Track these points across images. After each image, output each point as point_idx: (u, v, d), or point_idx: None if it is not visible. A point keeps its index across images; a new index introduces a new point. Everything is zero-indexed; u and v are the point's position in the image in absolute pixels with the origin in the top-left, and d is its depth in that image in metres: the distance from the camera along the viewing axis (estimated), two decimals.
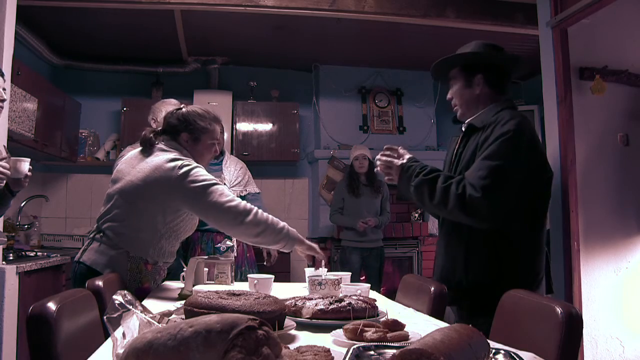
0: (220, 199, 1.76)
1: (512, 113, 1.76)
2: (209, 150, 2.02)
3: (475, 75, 1.85)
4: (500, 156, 1.65)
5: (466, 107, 1.90)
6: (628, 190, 3.02)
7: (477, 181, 1.64)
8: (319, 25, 4.00)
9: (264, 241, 1.82)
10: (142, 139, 1.98)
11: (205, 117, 2.00)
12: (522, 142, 1.67)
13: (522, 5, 3.59)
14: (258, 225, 1.77)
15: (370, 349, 0.95)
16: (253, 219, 1.76)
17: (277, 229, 1.80)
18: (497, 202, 1.62)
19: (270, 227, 1.78)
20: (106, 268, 1.81)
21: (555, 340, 1.17)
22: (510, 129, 1.67)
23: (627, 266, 2.97)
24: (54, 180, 4.72)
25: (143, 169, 1.84)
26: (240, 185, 3.27)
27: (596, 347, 2.85)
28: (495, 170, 1.63)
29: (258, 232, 1.77)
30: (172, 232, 1.91)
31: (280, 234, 1.80)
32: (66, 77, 4.72)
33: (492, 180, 1.62)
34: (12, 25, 2.60)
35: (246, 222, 1.75)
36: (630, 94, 3.11)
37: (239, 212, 1.76)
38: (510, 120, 1.70)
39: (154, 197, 1.81)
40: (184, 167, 1.80)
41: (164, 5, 3.47)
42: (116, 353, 0.90)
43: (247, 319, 0.75)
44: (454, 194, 1.65)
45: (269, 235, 1.79)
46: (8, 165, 1.94)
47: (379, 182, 4.30)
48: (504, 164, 1.63)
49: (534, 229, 1.75)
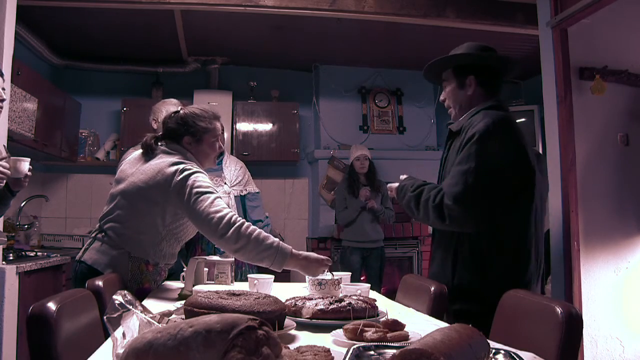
0: (207, 208, 1.72)
1: (485, 114, 1.75)
2: (213, 149, 2.02)
3: (467, 76, 1.86)
4: (468, 160, 1.66)
5: (459, 108, 1.91)
6: (628, 190, 3.02)
7: (448, 189, 1.68)
8: (319, 25, 4.00)
9: (246, 257, 1.74)
10: (143, 144, 1.97)
11: (204, 117, 1.99)
12: (490, 143, 1.66)
13: (522, 5, 3.59)
14: (239, 239, 1.68)
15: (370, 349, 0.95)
16: (235, 233, 1.68)
17: (262, 246, 1.69)
18: (470, 207, 1.64)
19: (252, 243, 1.69)
20: (107, 268, 1.82)
21: (555, 340, 1.17)
22: (477, 130, 1.68)
23: (627, 266, 2.97)
24: (54, 180, 4.72)
25: (146, 171, 1.85)
26: (240, 184, 3.27)
27: (596, 347, 2.86)
28: (464, 176, 1.65)
29: (238, 247, 1.70)
30: (172, 235, 1.91)
31: (265, 251, 1.69)
32: (66, 77, 4.72)
33: (463, 187, 1.64)
34: (12, 25, 2.60)
35: (226, 236, 1.69)
36: (630, 94, 3.11)
37: (222, 224, 1.69)
38: (480, 122, 1.70)
39: (154, 199, 1.82)
40: (184, 172, 1.80)
41: (164, 5, 3.47)
42: (116, 353, 0.90)
43: (247, 319, 0.75)
44: (431, 206, 1.71)
45: (250, 251, 1.70)
46: (8, 165, 1.93)
47: (379, 182, 4.30)
48: (472, 167, 1.65)
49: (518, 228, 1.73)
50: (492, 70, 1.89)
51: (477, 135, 1.67)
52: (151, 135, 2.01)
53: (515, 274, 1.71)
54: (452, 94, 1.92)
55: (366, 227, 4.18)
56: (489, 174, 1.65)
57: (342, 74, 5.10)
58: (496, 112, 1.76)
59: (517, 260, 1.72)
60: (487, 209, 1.66)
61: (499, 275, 1.69)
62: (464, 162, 1.68)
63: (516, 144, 1.72)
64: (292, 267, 1.74)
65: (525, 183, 1.73)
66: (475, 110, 1.82)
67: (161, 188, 1.80)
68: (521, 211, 1.73)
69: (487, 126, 1.68)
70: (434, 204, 1.70)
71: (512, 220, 1.72)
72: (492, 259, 1.70)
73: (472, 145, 1.68)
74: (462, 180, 1.65)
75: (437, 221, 1.72)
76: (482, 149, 1.66)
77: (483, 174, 1.64)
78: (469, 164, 1.66)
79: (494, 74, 1.89)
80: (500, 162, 1.67)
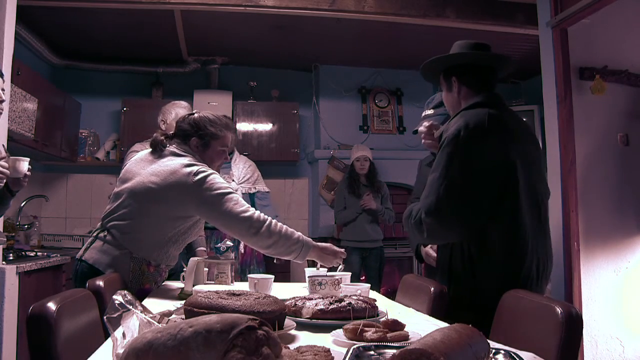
0: (235, 209, 1.78)
1: (461, 115, 1.69)
2: (219, 157, 2.02)
3: (451, 77, 1.83)
4: (439, 168, 1.62)
5: (452, 110, 1.88)
6: (628, 190, 3.02)
7: (423, 202, 1.65)
8: (319, 25, 4.00)
9: (276, 252, 1.84)
10: (152, 141, 1.98)
11: (216, 123, 1.99)
12: (459, 147, 1.60)
13: (522, 5, 3.59)
14: (271, 236, 1.79)
15: (370, 349, 0.95)
16: (266, 231, 1.78)
17: (290, 241, 1.81)
18: (443, 218, 1.60)
19: (283, 239, 1.80)
20: (108, 268, 1.82)
21: (555, 340, 1.17)
22: (448, 135, 1.64)
23: (627, 266, 2.97)
24: (54, 180, 4.72)
25: (157, 172, 1.83)
26: (249, 182, 3.33)
27: (596, 347, 2.86)
28: (435, 185, 1.61)
29: (270, 244, 1.80)
30: (179, 237, 1.91)
31: (293, 245, 1.82)
32: (66, 77, 4.72)
33: (434, 197, 1.60)
34: (12, 25, 2.60)
35: (260, 233, 1.78)
36: (630, 94, 3.11)
37: (253, 222, 1.78)
38: (453, 126, 1.65)
39: (167, 201, 1.81)
40: (200, 174, 1.80)
41: (164, 5, 3.47)
42: (116, 353, 0.90)
43: (247, 319, 0.75)
44: (412, 224, 1.69)
45: (281, 246, 1.81)
46: (7, 165, 1.93)
47: (379, 182, 4.31)
48: (442, 176, 1.60)
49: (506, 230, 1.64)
50: (477, 68, 1.81)
51: (447, 140, 1.63)
52: (161, 132, 2.02)
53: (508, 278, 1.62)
54: (445, 98, 1.90)
55: (365, 227, 4.18)
56: (461, 181, 1.58)
57: (342, 74, 5.10)
58: (475, 111, 1.67)
59: (508, 263, 1.63)
60: (464, 217, 1.60)
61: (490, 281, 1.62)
62: (435, 171, 1.63)
63: (494, 144, 1.62)
64: (312, 257, 1.88)
65: (506, 185, 1.62)
66: (456, 113, 1.77)
67: (176, 190, 1.79)
68: (506, 213, 1.62)
69: (458, 130, 1.61)
70: (414, 220, 1.67)
71: (497, 223, 1.62)
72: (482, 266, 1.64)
73: (443, 151, 1.63)
74: (434, 190, 1.61)
75: (419, 237, 1.68)
76: (452, 155, 1.60)
77: (454, 182, 1.58)
78: (440, 172, 1.61)
79: (479, 71, 1.80)
80: (472, 167, 1.59)
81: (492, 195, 1.61)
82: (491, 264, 1.64)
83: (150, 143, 1.99)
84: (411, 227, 1.70)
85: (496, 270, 1.64)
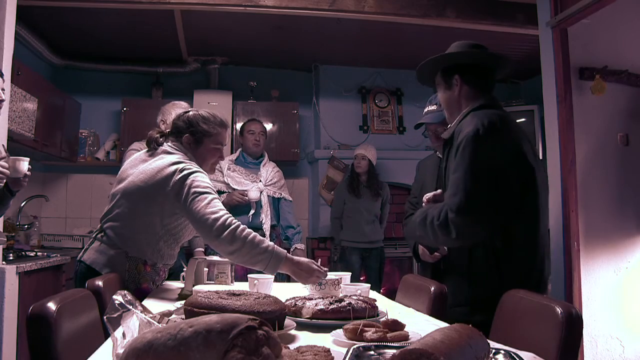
0: (203, 209, 1.72)
1: (474, 115, 1.70)
2: (212, 155, 2.01)
3: (453, 76, 1.82)
4: (462, 166, 1.61)
5: (449, 110, 1.87)
6: (628, 190, 3.02)
7: (449, 200, 1.62)
8: (319, 25, 4.00)
9: (240, 260, 1.74)
10: (148, 139, 1.99)
11: (209, 121, 1.99)
12: (482, 145, 1.61)
13: (522, 5, 3.59)
14: (233, 242, 1.68)
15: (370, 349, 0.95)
16: (229, 235, 1.68)
17: (256, 250, 1.69)
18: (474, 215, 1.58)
19: (247, 246, 1.68)
20: (105, 268, 1.82)
21: (555, 340, 1.17)
22: (466, 134, 1.64)
23: (627, 266, 2.97)
24: (54, 180, 4.72)
25: (146, 171, 1.85)
26: (275, 186, 3.40)
27: (596, 347, 2.86)
28: (462, 183, 1.60)
29: (232, 250, 1.70)
30: (170, 235, 1.91)
31: (260, 255, 1.69)
32: (66, 77, 4.71)
33: (463, 195, 1.58)
34: (12, 25, 2.60)
35: (221, 237, 1.68)
36: (630, 94, 3.11)
37: (217, 226, 1.69)
38: (469, 126, 1.65)
39: (153, 199, 1.82)
40: (183, 171, 1.80)
41: (164, 5, 3.47)
42: (116, 353, 0.90)
43: (247, 319, 0.75)
44: (436, 225, 1.63)
45: (245, 254, 1.70)
46: (7, 165, 1.94)
47: (379, 183, 4.30)
48: (468, 173, 1.59)
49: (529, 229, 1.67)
50: (480, 68, 1.83)
51: (467, 139, 1.63)
52: (157, 130, 2.02)
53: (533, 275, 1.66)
54: (442, 96, 1.89)
55: (365, 227, 4.18)
56: (487, 177, 1.59)
57: (342, 74, 5.10)
58: (485, 112, 1.70)
59: (534, 262, 1.67)
60: (493, 213, 1.59)
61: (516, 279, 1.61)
62: (459, 169, 1.62)
63: (510, 142, 1.65)
64: (284, 270, 1.75)
65: (526, 181, 1.65)
66: (465, 113, 1.77)
67: (160, 187, 1.80)
68: (528, 211, 1.66)
69: (477, 128, 1.62)
70: (439, 222, 1.62)
71: (521, 219, 1.65)
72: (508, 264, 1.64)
73: (464, 150, 1.63)
74: (461, 187, 1.59)
75: (445, 239, 1.64)
76: (475, 152, 1.60)
77: (480, 178, 1.59)
78: (465, 170, 1.60)
79: (481, 71, 1.82)
80: (496, 164, 1.60)
81: (516, 190, 1.63)
82: (517, 261, 1.65)
83: (146, 141, 2.01)
84: (435, 229, 1.64)
85: (522, 267, 1.65)
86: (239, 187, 3.27)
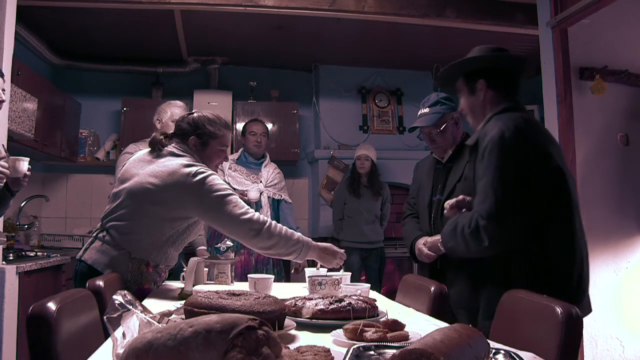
0: (235, 211, 1.79)
1: (498, 119, 1.67)
2: (217, 156, 2.02)
3: (477, 81, 1.79)
4: (491, 171, 1.58)
5: (472, 114, 1.84)
6: (628, 190, 3.02)
7: (479, 207, 1.58)
8: (319, 25, 4.00)
9: (276, 253, 1.86)
10: (151, 140, 1.98)
11: (215, 123, 2.00)
12: (508, 148, 1.57)
13: (522, 5, 3.59)
14: (271, 237, 1.80)
15: (370, 349, 0.95)
16: (266, 232, 1.79)
17: (290, 242, 1.83)
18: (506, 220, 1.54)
19: (283, 240, 1.81)
20: (107, 268, 1.81)
21: (555, 340, 1.17)
22: (491, 138, 1.61)
23: (627, 266, 2.97)
24: (54, 180, 4.72)
25: (155, 173, 1.82)
26: (276, 187, 3.41)
27: (596, 347, 2.86)
28: (491, 188, 1.56)
29: (270, 245, 1.81)
30: (177, 237, 1.91)
31: (294, 246, 1.83)
32: (66, 77, 4.71)
33: (493, 200, 1.54)
34: (12, 25, 2.60)
35: (260, 234, 1.79)
36: (630, 94, 3.12)
37: (253, 224, 1.79)
38: (494, 129, 1.63)
39: (166, 202, 1.81)
40: (199, 174, 1.80)
41: (164, 5, 3.47)
42: (116, 353, 0.90)
43: (247, 319, 0.75)
44: (467, 234, 1.59)
45: (281, 247, 1.82)
46: (7, 165, 1.94)
47: (380, 184, 4.30)
48: (497, 177, 1.56)
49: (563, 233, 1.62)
50: (504, 72, 1.80)
51: (492, 143, 1.59)
52: (160, 132, 2.02)
53: (572, 279, 1.61)
54: (465, 101, 1.85)
55: (364, 228, 4.18)
56: (515, 181, 1.55)
57: (342, 74, 5.10)
58: (509, 115, 1.67)
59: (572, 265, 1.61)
60: (525, 218, 1.55)
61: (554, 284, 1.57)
62: (487, 175, 1.58)
63: (536, 144, 1.62)
64: (312, 257, 1.89)
65: (556, 183, 1.61)
66: (488, 117, 1.74)
67: (173, 190, 1.79)
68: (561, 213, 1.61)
69: (502, 132, 1.59)
70: (470, 230, 1.58)
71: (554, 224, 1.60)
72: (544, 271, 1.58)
73: (490, 154, 1.59)
74: (490, 193, 1.55)
75: (477, 247, 1.58)
76: (502, 156, 1.56)
77: (509, 183, 1.54)
78: (492, 175, 1.56)
79: (506, 75, 1.80)
80: (524, 167, 1.56)
81: (546, 193, 1.59)
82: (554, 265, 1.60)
83: (149, 142, 1.99)
84: (466, 238, 1.60)
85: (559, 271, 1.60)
86: (239, 187, 3.27)
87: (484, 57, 1.83)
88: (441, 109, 2.17)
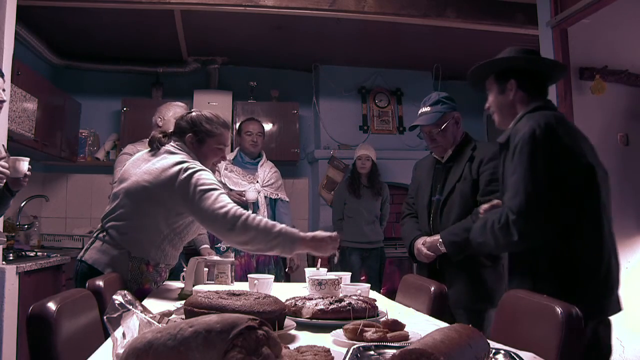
0: (212, 205, 1.73)
1: (529, 117, 1.69)
2: (214, 154, 2.02)
3: (508, 81, 1.81)
4: (521, 168, 1.60)
5: (500, 113, 1.86)
6: (628, 190, 3.02)
7: (510, 202, 1.60)
8: (319, 25, 4.00)
9: (256, 248, 1.76)
10: (150, 139, 2.00)
11: (212, 121, 2.00)
12: (539, 146, 1.59)
13: (522, 5, 3.59)
14: (247, 231, 1.69)
15: (370, 349, 0.95)
16: (242, 226, 1.69)
17: (269, 235, 1.70)
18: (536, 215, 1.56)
19: (261, 233, 1.69)
20: (107, 268, 1.82)
21: (555, 341, 1.17)
22: (522, 135, 1.63)
23: (627, 266, 2.97)
24: (54, 180, 4.72)
25: (150, 171, 1.84)
26: (273, 187, 3.39)
27: None
28: (522, 184, 1.58)
29: (247, 240, 1.71)
30: (175, 235, 1.91)
31: (273, 239, 1.70)
32: (66, 77, 4.71)
33: (523, 196, 1.56)
34: (12, 25, 2.60)
35: (235, 228, 1.69)
36: (630, 94, 3.12)
37: (228, 219, 1.70)
38: (525, 127, 1.65)
39: (158, 199, 1.82)
40: (188, 170, 1.80)
41: (164, 5, 3.47)
42: (116, 353, 0.90)
43: (247, 319, 0.75)
44: (497, 229, 1.61)
45: (259, 242, 1.71)
46: (7, 165, 1.94)
47: (380, 184, 4.30)
48: (528, 174, 1.58)
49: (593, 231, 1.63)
50: (535, 74, 1.83)
51: (524, 140, 1.61)
52: (159, 130, 2.03)
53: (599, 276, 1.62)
54: (494, 99, 1.87)
55: (364, 228, 4.17)
56: (546, 177, 1.57)
57: (342, 74, 5.10)
58: (541, 113, 1.69)
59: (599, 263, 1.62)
60: (554, 214, 1.57)
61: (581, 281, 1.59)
62: (517, 171, 1.61)
63: (567, 142, 1.63)
64: (302, 250, 1.74)
65: (587, 181, 1.62)
66: (519, 116, 1.76)
67: (166, 187, 1.80)
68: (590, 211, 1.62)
69: (533, 129, 1.61)
70: (500, 225, 1.60)
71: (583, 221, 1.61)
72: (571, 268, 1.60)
73: (521, 151, 1.61)
74: (521, 189, 1.58)
75: (507, 242, 1.61)
76: (533, 153, 1.59)
77: (540, 179, 1.57)
78: (524, 171, 1.59)
79: (536, 76, 1.82)
80: (555, 164, 1.58)
81: (576, 190, 1.61)
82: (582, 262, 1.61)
83: (148, 141, 2.01)
84: (496, 233, 1.62)
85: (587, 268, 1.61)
86: (236, 187, 3.26)
87: (517, 58, 1.84)
88: (442, 108, 2.17)
